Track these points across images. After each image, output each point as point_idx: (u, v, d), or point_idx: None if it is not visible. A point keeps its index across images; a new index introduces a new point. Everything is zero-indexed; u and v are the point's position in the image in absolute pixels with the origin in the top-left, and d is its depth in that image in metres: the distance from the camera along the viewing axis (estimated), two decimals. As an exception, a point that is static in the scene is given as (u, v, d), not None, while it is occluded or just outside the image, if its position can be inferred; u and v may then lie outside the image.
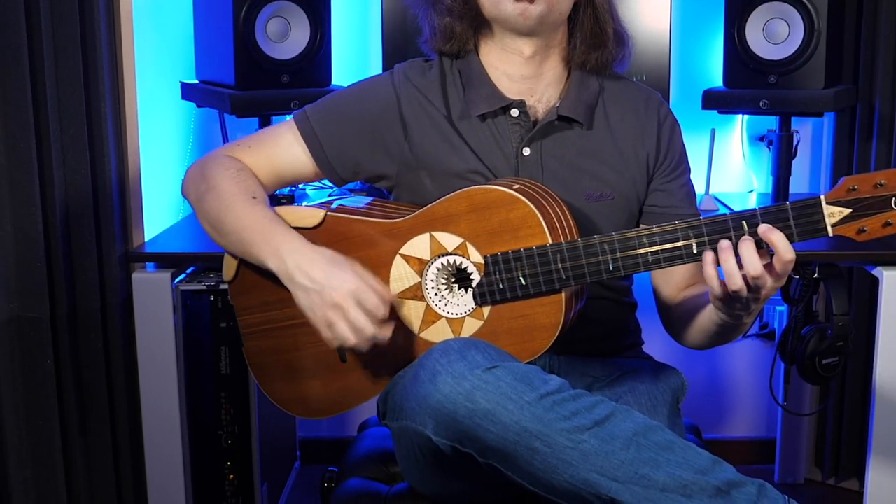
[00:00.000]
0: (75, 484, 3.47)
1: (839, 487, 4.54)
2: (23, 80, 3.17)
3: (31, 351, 3.29)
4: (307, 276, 2.41)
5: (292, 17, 3.70)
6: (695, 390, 4.65)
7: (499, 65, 2.70)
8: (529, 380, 2.15)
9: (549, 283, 2.37)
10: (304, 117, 2.73)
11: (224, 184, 2.60)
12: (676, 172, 2.79)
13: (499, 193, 2.42)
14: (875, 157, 4.16)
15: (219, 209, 2.58)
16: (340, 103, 2.75)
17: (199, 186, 2.65)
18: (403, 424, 2.38)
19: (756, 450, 4.79)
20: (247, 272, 2.66)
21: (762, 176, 4.45)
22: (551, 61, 2.72)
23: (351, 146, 2.70)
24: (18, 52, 3.14)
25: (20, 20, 3.14)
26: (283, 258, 2.45)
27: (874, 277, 3.50)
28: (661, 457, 2.11)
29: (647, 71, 3.97)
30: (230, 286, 2.71)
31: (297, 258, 2.44)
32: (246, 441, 3.68)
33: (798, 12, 3.71)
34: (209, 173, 2.65)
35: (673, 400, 2.71)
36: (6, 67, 3.14)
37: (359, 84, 2.80)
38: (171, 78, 4.23)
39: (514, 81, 2.70)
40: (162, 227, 3.86)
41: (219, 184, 2.61)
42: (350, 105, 2.73)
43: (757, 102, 3.76)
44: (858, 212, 2.19)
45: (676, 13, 4.28)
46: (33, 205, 3.22)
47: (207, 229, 2.66)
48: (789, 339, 3.75)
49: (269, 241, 2.49)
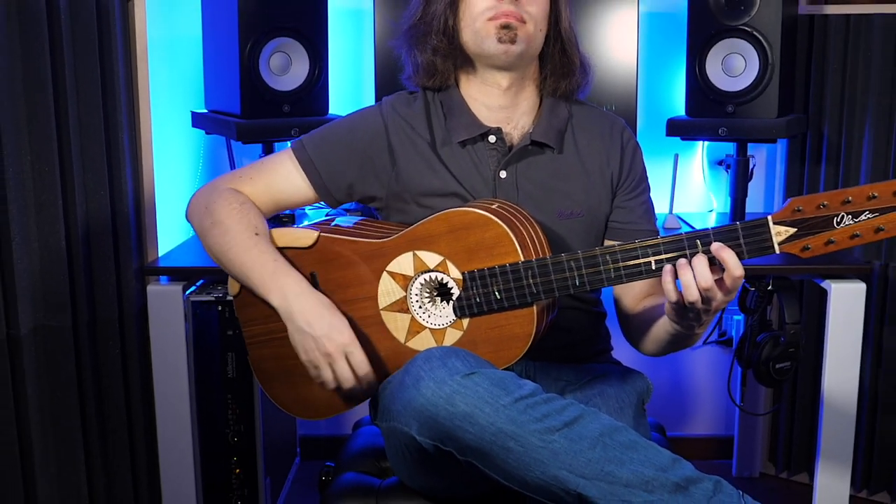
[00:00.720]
0: (95, 478, 3.47)
1: (791, 481, 4.55)
2: (47, 110, 3.18)
3: (55, 357, 3.30)
4: (307, 322, 2.45)
5: (293, 53, 3.69)
6: (659, 392, 4.67)
7: (478, 96, 2.71)
8: (505, 385, 2.15)
9: (522, 297, 2.38)
10: (301, 147, 2.73)
11: (229, 220, 2.61)
12: (637, 191, 2.80)
13: (475, 215, 2.42)
14: (824, 179, 4.18)
15: (224, 244, 2.59)
16: (334, 133, 2.75)
17: (204, 220, 2.65)
18: (391, 425, 2.39)
19: (715, 446, 4.79)
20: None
21: (721, 197, 4.43)
22: (526, 91, 2.74)
23: (344, 172, 2.71)
24: (43, 85, 3.15)
25: (45, 56, 3.15)
26: (287, 300, 2.48)
27: (823, 289, 3.50)
28: (626, 455, 2.12)
29: (616, 101, 3.96)
30: (235, 300, 2.71)
31: (300, 303, 2.47)
32: (251, 439, 3.68)
33: (753, 48, 3.72)
34: (213, 207, 2.65)
35: (639, 402, 2.71)
36: (32, 99, 3.15)
37: (350, 116, 2.80)
38: (183, 108, 4.22)
39: (492, 111, 2.71)
40: (174, 243, 3.85)
41: (223, 219, 2.61)
42: (343, 135, 2.73)
43: (716, 130, 3.76)
44: (803, 231, 2.19)
45: (643, 48, 4.27)
46: (57, 223, 3.23)
47: (213, 257, 2.66)
48: (745, 345, 3.75)
49: (274, 281, 2.51)
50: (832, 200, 2.17)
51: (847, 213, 2.16)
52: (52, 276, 3.26)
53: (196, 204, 2.72)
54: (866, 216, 2.16)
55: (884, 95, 4.00)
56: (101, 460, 3.49)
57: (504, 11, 2.55)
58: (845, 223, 2.17)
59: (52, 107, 3.19)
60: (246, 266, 2.55)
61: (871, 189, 2.14)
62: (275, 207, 2.76)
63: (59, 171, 3.23)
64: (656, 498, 2.08)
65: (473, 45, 2.63)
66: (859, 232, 2.17)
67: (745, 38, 3.73)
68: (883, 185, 2.14)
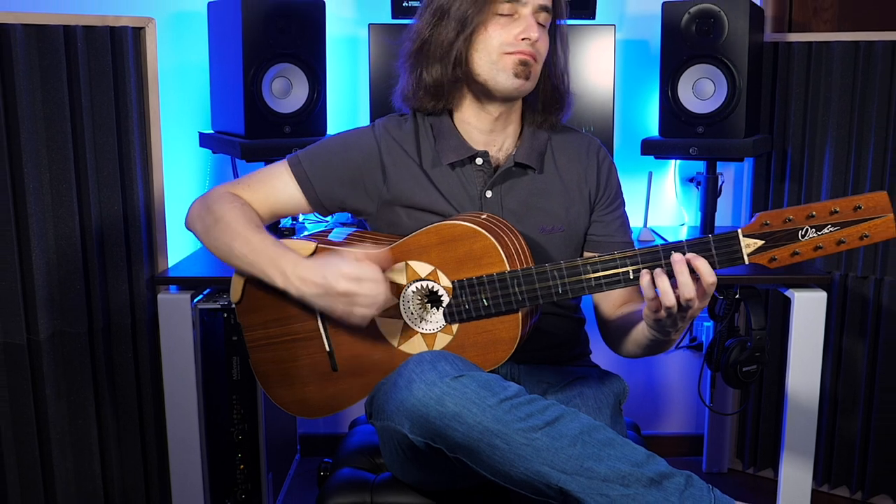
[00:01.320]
0: (109, 473, 3.48)
1: (757, 476, 4.54)
2: (65, 131, 3.19)
3: (72, 360, 3.31)
4: (311, 282, 2.41)
5: (293, 77, 3.69)
6: (635, 393, 4.69)
7: (472, 121, 2.70)
8: (491, 387, 2.16)
9: (508, 304, 2.39)
10: (298, 161, 2.72)
11: (230, 216, 2.59)
12: (613, 206, 2.80)
13: (464, 228, 2.43)
14: (787, 195, 4.18)
15: (228, 238, 2.56)
16: (328, 150, 2.73)
17: (206, 219, 2.63)
18: (385, 424, 2.39)
19: (687, 444, 4.78)
20: (251, 295, 2.66)
21: (692, 212, 4.44)
22: (513, 117, 2.73)
23: (337, 187, 2.70)
24: (61, 108, 3.17)
25: (62, 81, 3.17)
26: (286, 275, 2.44)
27: (787, 298, 3.51)
28: (603, 452, 2.12)
29: (594, 122, 3.96)
30: (237, 307, 2.71)
31: (297, 271, 2.43)
32: (254, 437, 3.67)
33: (722, 73, 3.72)
34: (214, 207, 2.63)
35: (616, 402, 2.70)
36: (51, 121, 3.16)
37: (344, 134, 2.78)
38: (191, 129, 4.23)
39: (482, 134, 2.71)
40: (183, 254, 3.84)
41: (224, 215, 2.59)
42: (337, 152, 2.72)
43: (687, 149, 3.76)
44: (770, 243, 2.20)
45: (619, 73, 4.30)
46: (74, 236, 3.24)
47: (216, 254, 2.64)
48: (715, 350, 3.74)
49: (275, 266, 2.48)
50: (797, 215, 2.18)
51: (811, 226, 2.17)
52: (69, 286, 3.27)
53: (196, 208, 2.70)
54: (829, 230, 2.17)
55: (843, 117, 4.01)
56: (114, 456, 3.49)
57: (524, 50, 2.55)
58: (809, 236, 2.18)
59: (69, 128, 3.21)
60: (249, 254, 2.52)
61: (834, 205, 2.15)
62: (271, 215, 2.74)
63: (76, 187, 3.25)
64: (632, 492, 2.08)
65: (487, 75, 2.60)
66: (822, 244, 2.18)
67: (715, 64, 3.74)
68: (844, 201, 2.15)
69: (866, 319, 4.11)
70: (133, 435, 3.54)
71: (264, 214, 2.71)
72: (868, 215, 2.14)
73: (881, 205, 2.14)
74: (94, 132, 3.30)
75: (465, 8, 2.60)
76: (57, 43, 3.16)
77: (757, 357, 3.56)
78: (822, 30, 4.37)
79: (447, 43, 2.63)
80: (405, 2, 3.95)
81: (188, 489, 3.47)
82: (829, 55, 4.01)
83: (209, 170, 4.29)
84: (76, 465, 3.37)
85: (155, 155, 3.50)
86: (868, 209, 2.14)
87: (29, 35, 3.11)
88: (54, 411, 3.27)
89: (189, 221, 2.72)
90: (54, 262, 3.23)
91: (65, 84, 3.18)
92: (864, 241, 2.16)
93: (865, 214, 2.15)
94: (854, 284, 4.11)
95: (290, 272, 2.45)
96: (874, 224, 2.14)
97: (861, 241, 2.16)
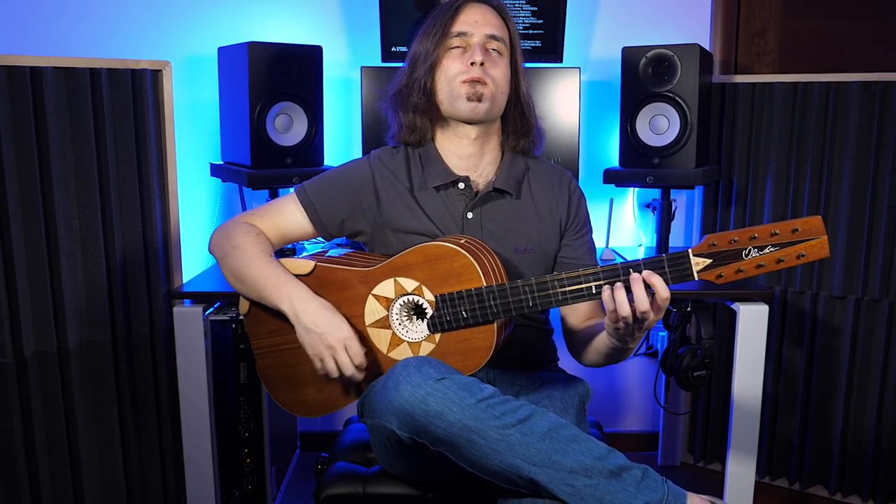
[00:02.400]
0: (130, 466, 3.46)
1: (707, 469, 4.53)
2: (91, 162, 3.19)
3: (97, 366, 3.30)
4: (312, 321, 2.44)
5: (294, 114, 3.69)
6: (597, 395, 4.71)
7: (450, 147, 2.73)
8: (469, 388, 2.16)
9: (484, 315, 2.40)
10: (304, 191, 2.74)
11: (245, 244, 2.62)
12: (581, 232, 2.81)
13: (445, 248, 2.44)
14: (733, 219, 4.19)
15: (242, 263, 2.59)
16: (330, 180, 2.75)
17: (225, 245, 2.66)
18: (375, 422, 2.39)
19: (644, 440, 4.77)
20: (256, 309, 2.67)
21: (649, 233, 4.43)
22: (490, 144, 2.75)
23: (338, 211, 2.72)
24: (87, 141, 3.17)
25: (89, 117, 3.17)
26: (293, 305, 2.47)
27: (733, 310, 3.50)
28: (569, 447, 2.12)
29: (562, 154, 3.96)
30: (245, 318, 2.71)
31: (304, 306, 2.46)
32: (259, 434, 3.66)
33: (675, 111, 3.71)
34: (233, 236, 2.66)
35: (580, 403, 2.72)
36: (78, 154, 3.16)
37: (344, 165, 2.80)
38: (203, 160, 4.23)
39: (462, 159, 2.73)
40: (196, 272, 3.83)
41: (241, 244, 2.62)
42: (338, 181, 2.74)
43: (644, 178, 3.75)
44: (717, 262, 2.21)
45: (584, 111, 4.32)
46: (99, 256, 3.24)
47: (230, 279, 2.65)
48: (669, 356, 3.73)
49: (282, 290, 2.50)
50: (741, 237, 2.20)
51: (754, 247, 2.18)
52: (95, 300, 3.27)
53: (217, 235, 2.72)
54: (769, 250, 2.18)
55: (783, 150, 4.02)
56: (135, 451, 3.48)
57: (473, 74, 2.59)
58: (752, 255, 2.19)
59: (95, 159, 3.21)
60: (259, 280, 2.55)
61: (774, 227, 2.16)
62: (281, 240, 2.76)
63: (101, 212, 3.25)
64: (594, 482, 2.09)
65: (448, 103, 2.65)
66: (763, 262, 2.19)
67: (669, 103, 3.73)
68: (783, 225, 2.16)
69: (803, 330, 4.12)
70: (152, 432, 3.53)
71: (275, 240, 2.73)
72: (805, 237, 2.16)
73: (816, 227, 2.16)
74: (117, 163, 3.30)
75: (428, 48, 2.67)
76: (84, 83, 3.17)
77: (706, 363, 3.56)
78: (765, 72, 4.39)
79: (417, 82, 2.70)
80: (393, 47, 3.97)
81: (200, 480, 3.46)
82: (770, 95, 4.04)
83: (219, 197, 4.29)
84: (101, 459, 3.37)
85: (171, 183, 3.50)
86: (805, 231, 2.16)
87: (59, 76, 3.12)
88: (81, 411, 3.27)
89: (211, 245, 2.74)
90: (81, 279, 3.24)
91: (91, 120, 3.19)
92: (801, 260, 2.18)
93: (802, 236, 2.16)
94: (793, 298, 4.12)
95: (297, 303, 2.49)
96: (810, 245, 2.16)
97: (798, 259, 2.18)
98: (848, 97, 3.89)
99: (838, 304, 4.04)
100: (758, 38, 4.40)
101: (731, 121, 4.16)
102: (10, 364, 3.04)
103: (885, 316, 3.95)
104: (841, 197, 3.94)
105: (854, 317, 4.01)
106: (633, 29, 4.33)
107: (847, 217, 3.92)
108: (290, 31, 4.25)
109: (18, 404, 3.10)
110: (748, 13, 4.38)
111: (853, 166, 3.89)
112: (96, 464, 3.35)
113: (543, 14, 3.98)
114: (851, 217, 3.92)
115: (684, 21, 4.35)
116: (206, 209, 4.32)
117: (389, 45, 3.98)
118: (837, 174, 3.94)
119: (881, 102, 3.82)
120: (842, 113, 3.91)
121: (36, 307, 3.11)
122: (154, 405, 3.53)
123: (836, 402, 4.11)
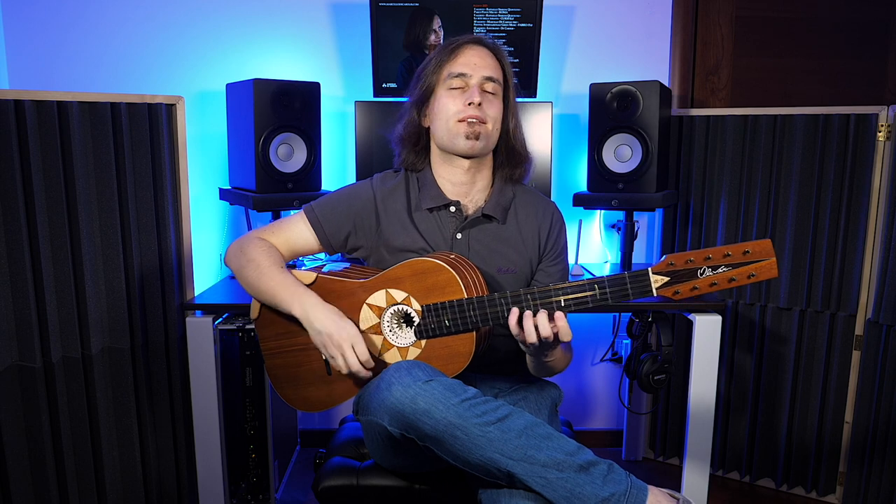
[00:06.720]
0: (147, 461, 3.46)
1: (666, 463, 4.54)
2: (111, 187, 3.20)
3: (118, 370, 3.30)
4: (323, 324, 2.45)
5: (295, 144, 3.68)
6: (568, 397, 4.70)
7: (444, 174, 2.72)
8: (454, 389, 2.16)
9: (465, 324, 2.40)
10: (311, 210, 2.74)
11: (260, 257, 2.62)
12: (557, 259, 2.80)
13: (431, 263, 2.45)
14: (690, 239, 4.20)
15: (258, 274, 2.60)
16: (335, 200, 2.75)
17: (240, 259, 2.66)
18: (369, 419, 2.38)
19: (609, 437, 4.76)
20: (265, 314, 2.68)
21: (614, 252, 4.43)
22: (482, 173, 2.74)
23: (342, 229, 2.71)
24: (109, 168, 3.18)
25: (110, 147, 3.17)
26: (305, 309, 2.48)
27: (690, 320, 3.48)
28: (543, 443, 2.13)
29: (536, 180, 3.95)
30: (255, 322, 2.72)
31: (315, 311, 2.47)
32: (263, 431, 3.66)
33: (638, 140, 3.73)
34: (247, 249, 2.66)
35: (553, 404, 2.73)
36: (101, 179, 3.17)
37: (348, 187, 2.79)
38: (213, 185, 4.23)
39: (455, 185, 2.72)
40: (206, 285, 3.84)
41: (256, 257, 2.63)
42: (342, 201, 2.73)
43: (610, 202, 3.79)
44: (675, 280, 2.19)
45: (555, 141, 4.33)
46: (119, 271, 3.24)
47: (246, 288, 2.65)
48: (632, 362, 3.72)
49: (295, 297, 2.51)
50: (697, 257, 2.18)
51: (708, 266, 2.16)
52: (116, 311, 3.27)
53: (232, 250, 2.72)
54: (722, 269, 2.16)
55: (734, 176, 4.04)
56: (152, 449, 3.48)
57: (471, 113, 2.60)
58: (706, 274, 2.17)
59: (115, 185, 3.22)
60: (273, 289, 2.56)
61: (727, 249, 2.14)
62: (290, 254, 2.75)
63: (121, 232, 3.25)
64: (565, 475, 2.09)
65: (447, 140, 2.65)
66: (717, 281, 2.17)
67: (632, 133, 3.75)
68: (735, 247, 2.15)
69: (753, 338, 4.13)
70: (166, 430, 3.53)
71: (285, 254, 2.74)
72: (755, 258, 2.14)
73: (766, 250, 2.14)
74: (136, 188, 3.31)
75: (429, 86, 2.68)
76: (105, 116, 3.18)
77: (666, 368, 3.57)
78: (718, 106, 4.41)
79: (418, 119, 2.73)
80: (384, 84, 3.99)
81: (210, 473, 3.46)
82: (723, 126, 4.06)
83: (227, 218, 4.28)
84: (121, 455, 3.37)
85: (184, 206, 3.50)
86: (755, 253, 2.14)
87: (83, 110, 3.13)
88: (103, 411, 3.27)
89: (226, 259, 2.74)
90: (103, 292, 3.24)
91: (111, 149, 3.20)
92: (751, 280, 2.15)
93: (753, 258, 2.14)
94: (744, 310, 4.14)
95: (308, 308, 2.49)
96: (760, 266, 2.14)
97: (749, 279, 2.16)
98: (793, 129, 3.91)
99: (784, 314, 4.06)
100: (712, 76, 4.44)
101: (688, 150, 4.18)
102: (39, 369, 3.05)
103: (826, 325, 3.97)
104: (787, 218, 3.96)
105: (798, 326, 4.03)
106: (600, 67, 4.35)
107: (792, 236, 3.94)
108: (291, 68, 4.26)
109: (47, 406, 3.11)
110: (703, 53, 4.41)
111: (798, 191, 3.90)
112: (117, 458, 3.36)
113: (519, 54, 3.99)
114: (796, 236, 3.94)
115: (646, 60, 4.37)
116: (216, 229, 4.32)
117: (381, 82, 4.00)
118: (784, 198, 3.96)
119: (823, 133, 3.84)
120: (788, 143, 3.94)
121: (63, 317, 3.13)
122: (169, 406, 3.54)
123: (783, 403, 4.13)
